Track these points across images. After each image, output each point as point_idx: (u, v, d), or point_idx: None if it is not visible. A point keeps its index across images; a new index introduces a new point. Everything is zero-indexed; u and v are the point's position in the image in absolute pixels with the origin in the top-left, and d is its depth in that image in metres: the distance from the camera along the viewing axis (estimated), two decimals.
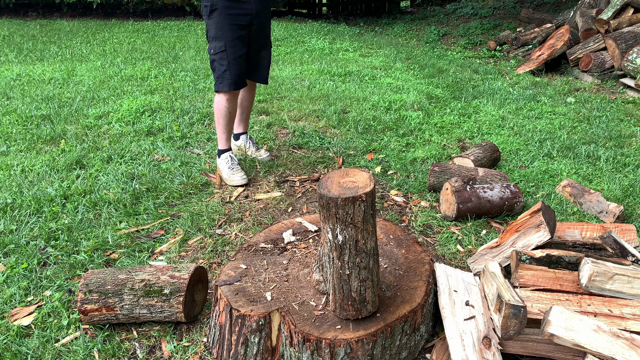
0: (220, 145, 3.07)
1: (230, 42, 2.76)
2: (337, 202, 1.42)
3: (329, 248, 1.53)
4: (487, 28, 9.15)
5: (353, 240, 1.48)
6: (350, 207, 1.43)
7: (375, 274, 1.58)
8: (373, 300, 1.61)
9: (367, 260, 1.53)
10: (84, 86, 5.01)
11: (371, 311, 1.62)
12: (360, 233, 1.47)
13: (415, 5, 13.18)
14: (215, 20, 2.75)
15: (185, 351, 1.82)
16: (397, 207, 2.84)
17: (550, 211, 2.17)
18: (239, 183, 2.99)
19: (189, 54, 6.74)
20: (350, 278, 1.54)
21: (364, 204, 1.43)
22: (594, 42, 5.82)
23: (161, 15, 10.52)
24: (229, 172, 3.01)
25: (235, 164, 3.04)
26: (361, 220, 1.45)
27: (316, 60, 6.62)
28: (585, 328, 1.51)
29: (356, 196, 1.42)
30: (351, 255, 1.50)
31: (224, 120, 2.97)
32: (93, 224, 2.61)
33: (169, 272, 1.91)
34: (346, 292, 1.56)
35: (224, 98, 2.89)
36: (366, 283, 1.55)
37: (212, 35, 2.79)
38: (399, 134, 3.89)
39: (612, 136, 3.87)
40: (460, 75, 5.91)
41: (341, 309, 1.61)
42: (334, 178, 1.53)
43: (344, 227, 1.46)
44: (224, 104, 2.90)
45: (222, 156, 3.06)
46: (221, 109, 2.92)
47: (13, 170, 3.16)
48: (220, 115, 2.94)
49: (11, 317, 1.97)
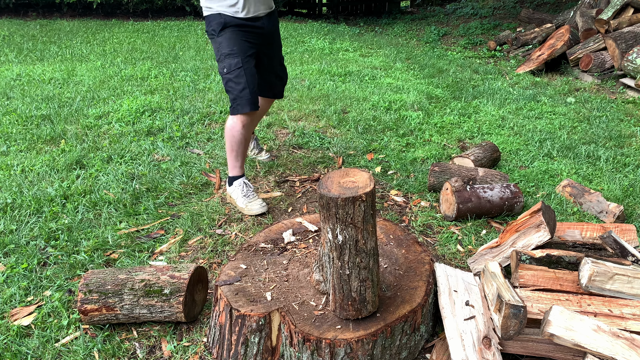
0: (232, 172, 2.74)
1: (245, 57, 2.51)
2: (337, 202, 1.42)
3: (329, 248, 1.53)
4: (487, 28, 9.15)
5: (353, 240, 1.48)
6: (350, 207, 1.43)
7: (375, 274, 1.58)
8: (373, 300, 1.61)
9: (367, 260, 1.53)
10: (84, 86, 5.01)
11: (371, 311, 1.62)
12: (361, 233, 1.47)
13: (415, 5, 13.18)
14: (227, 37, 2.50)
15: (185, 351, 1.82)
16: (397, 207, 2.84)
17: (550, 211, 2.17)
18: (258, 212, 2.67)
19: (189, 54, 6.74)
20: (350, 278, 1.54)
21: (364, 204, 1.44)
22: (594, 42, 5.82)
23: (161, 15, 10.52)
24: (245, 201, 2.69)
25: (251, 190, 2.72)
26: (361, 220, 1.45)
27: (316, 60, 6.62)
28: (585, 328, 1.51)
29: (356, 196, 1.42)
30: (351, 255, 1.50)
31: (240, 148, 2.65)
32: (93, 224, 2.61)
33: (169, 272, 1.91)
34: (346, 292, 1.57)
35: (241, 123, 2.56)
36: (366, 283, 1.55)
37: (224, 52, 2.50)
38: (399, 134, 3.89)
39: (612, 136, 3.87)
40: (460, 75, 5.91)
41: (341, 309, 1.61)
42: (334, 178, 1.53)
43: (344, 227, 1.46)
44: (240, 129, 2.58)
45: (234, 183, 2.73)
46: (236, 136, 2.60)
47: (13, 170, 3.16)
48: (234, 142, 2.62)
49: (11, 317, 1.97)
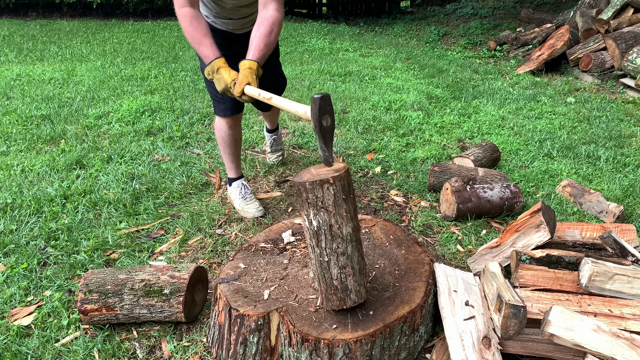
0: (229, 174, 2.77)
1: None
2: (306, 186, 1.47)
3: (309, 236, 1.57)
4: (487, 28, 9.15)
5: (327, 224, 1.51)
6: (318, 191, 1.47)
7: (356, 262, 1.58)
8: (357, 290, 1.60)
9: (344, 246, 1.54)
10: (84, 86, 5.01)
11: (356, 301, 1.60)
12: (334, 217, 1.50)
13: (415, 5, 13.18)
14: None
15: (185, 351, 1.82)
16: (397, 207, 2.84)
17: (550, 211, 2.17)
18: (254, 215, 2.66)
19: (189, 54, 6.74)
20: (330, 265, 1.56)
21: (333, 187, 1.47)
22: (594, 42, 5.82)
23: (161, 15, 10.52)
24: (242, 203, 2.70)
25: (248, 193, 2.73)
26: (332, 204, 1.48)
27: (316, 60, 6.62)
28: (585, 328, 1.51)
29: (323, 179, 1.46)
30: (327, 241, 1.53)
31: (230, 149, 2.66)
32: (93, 224, 2.61)
33: (169, 272, 1.91)
34: (328, 280, 1.58)
35: (226, 124, 2.58)
36: (346, 270, 1.56)
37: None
38: (399, 134, 3.89)
39: (612, 136, 3.87)
40: (460, 75, 5.91)
41: (326, 300, 1.61)
42: (311, 169, 1.59)
43: (316, 212, 1.50)
44: (226, 130, 2.59)
45: (233, 184, 2.76)
46: (224, 137, 2.61)
47: (13, 170, 3.16)
48: (224, 143, 2.64)
49: (11, 317, 1.97)
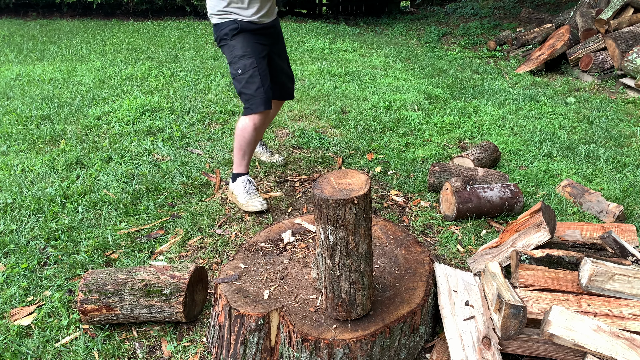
0: (237, 170, 2.78)
1: (259, 59, 2.59)
2: (328, 203, 1.42)
3: (322, 247, 1.53)
4: (487, 28, 9.15)
5: (344, 242, 1.47)
6: (341, 209, 1.42)
7: (367, 278, 1.57)
8: (364, 304, 1.60)
9: (358, 263, 1.52)
10: (84, 86, 5.01)
11: (361, 314, 1.62)
12: (352, 235, 1.46)
13: (415, 5, 13.17)
14: (240, 40, 2.57)
15: (185, 351, 1.82)
16: (397, 207, 2.84)
17: (550, 211, 2.17)
18: (258, 209, 2.70)
19: (189, 54, 6.74)
20: (341, 279, 1.54)
21: (356, 207, 1.42)
22: (594, 42, 5.82)
23: (161, 15, 10.52)
24: (246, 197, 2.72)
25: (253, 188, 2.75)
26: (352, 223, 1.44)
27: (316, 60, 6.62)
28: (585, 328, 1.51)
29: (347, 199, 1.40)
30: (342, 257, 1.49)
31: (249, 148, 2.70)
32: (93, 224, 2.61)
33: (169, 272, 1.91)
34: (336, 292, 1.56)
35: (253, 124, 2.61)
36: (356, 286, 1.54)
37: (238, 54, 2.57)
38: (399, 134, 3.89)
39: (612, 136, 3.87)
40: (460, 75, 5.91)
41: (332, 309, 1.61)
42: (330, 178, 1.53)
43: (335, 229, 1.45)
44: (251, 131, 2.62)
45: (238, 179, 2.77)
46: (247, 137, 2.64)
47: (13, 170, 3.16)
48: (244, 142, 2.67)
49: (11, 317, 1.97)
